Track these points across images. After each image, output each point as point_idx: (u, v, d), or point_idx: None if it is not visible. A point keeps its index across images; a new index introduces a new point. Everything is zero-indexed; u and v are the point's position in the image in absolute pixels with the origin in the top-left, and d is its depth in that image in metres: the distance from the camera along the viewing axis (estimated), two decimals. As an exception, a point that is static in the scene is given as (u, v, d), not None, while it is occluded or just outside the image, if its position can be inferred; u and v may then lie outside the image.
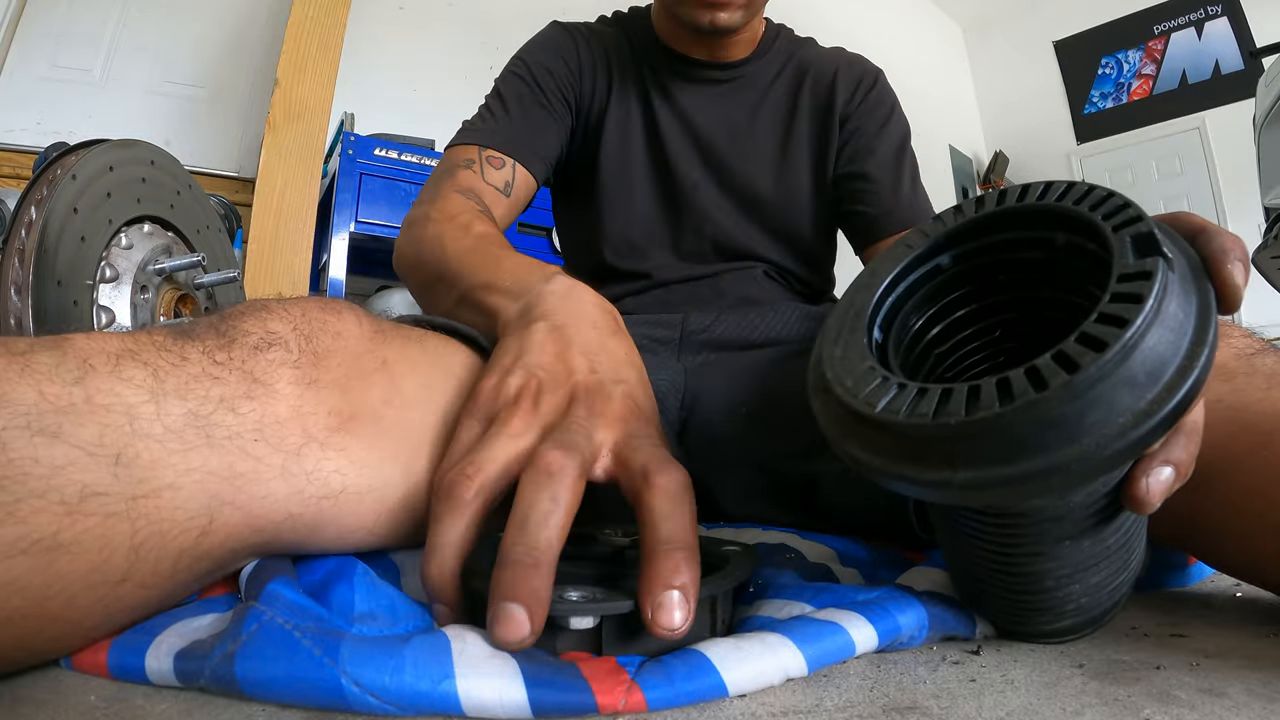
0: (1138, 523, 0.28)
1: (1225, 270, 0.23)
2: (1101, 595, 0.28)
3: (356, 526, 0.30)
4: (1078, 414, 0.20)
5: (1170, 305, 0.21)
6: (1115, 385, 0.20)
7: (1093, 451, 0.20)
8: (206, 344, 0.28)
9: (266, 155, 1.79)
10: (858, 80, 0.75)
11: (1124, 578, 0.29)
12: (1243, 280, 0.23)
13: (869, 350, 0.26)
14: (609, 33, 0.75)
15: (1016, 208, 0.27)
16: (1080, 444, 0.20)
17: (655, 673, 0.23)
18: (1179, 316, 0.21)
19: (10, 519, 0.21)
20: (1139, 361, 0.20)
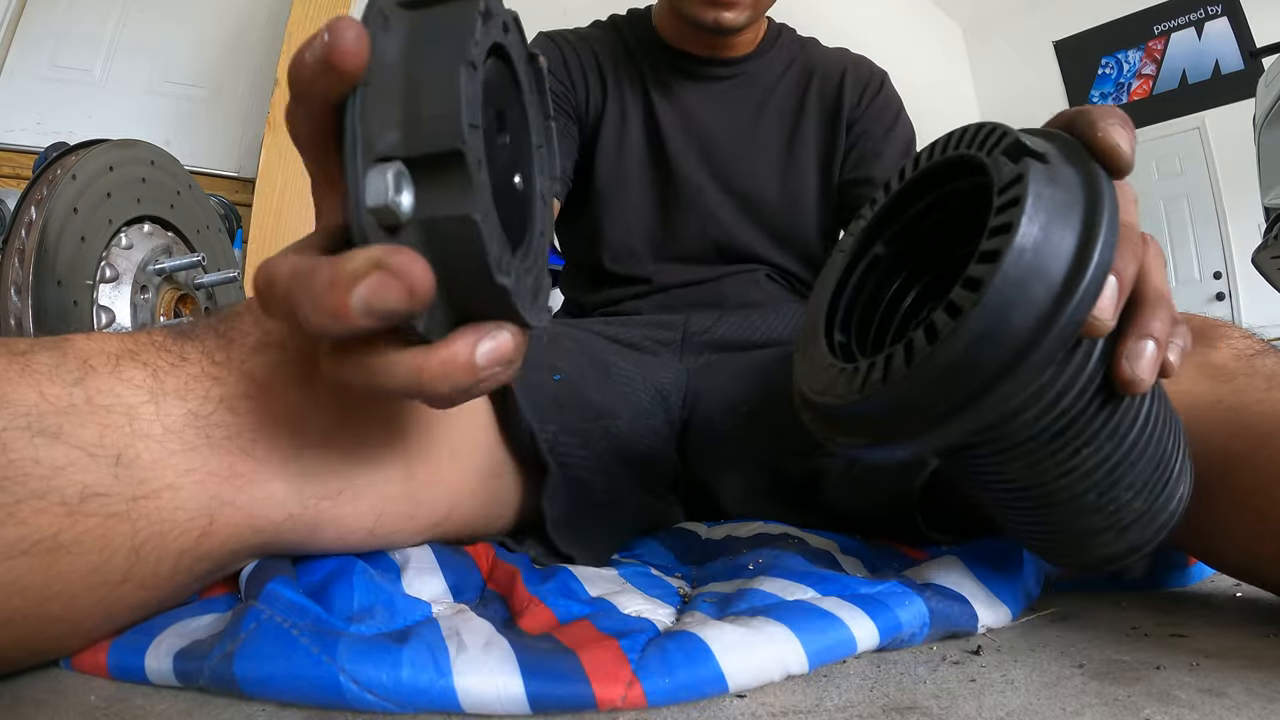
0: (1154, 412, 0.26)
1: (1099, 137, 0.23)
2: (1156, 496, 0.27)
3: (356, 527, 0.30)
4: (990, 331, 0.20)
5: (1052, 194, 0.21)
6: (1017, 287, 0.20)
7: (1021, 355, 0.20)
8: (206, 344, 0.28)
9: (266, 155, 1.79)
10: (865, 83, 0.75)
11: (1172, 473, 0.27)
12: (1121, 140, 0.23)
13: (831, 353, 0.27)
14: (600, 35, 0.75)
15: (920, 173, 0.28)
16: (1004, 354, 0.21)
17: (655, 661, 0.24)
18: (1063, 200, 0.21)
19: (11, 520, 0.21)
20: (1034, 260, 0.21)
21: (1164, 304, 0.24)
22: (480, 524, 0.37)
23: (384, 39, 0.19)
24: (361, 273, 0.18)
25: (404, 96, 0.19)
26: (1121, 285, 0.22)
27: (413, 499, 0.32)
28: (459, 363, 0.21)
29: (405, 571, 0.32)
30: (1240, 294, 3.62)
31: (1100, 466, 0.26)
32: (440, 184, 0.19)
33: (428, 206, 0.19)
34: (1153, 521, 0.28)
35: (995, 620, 0.31)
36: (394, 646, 0.23)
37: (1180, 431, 0.28)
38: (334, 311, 0.18)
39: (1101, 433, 0.25)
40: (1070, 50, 4.28)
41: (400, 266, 0.18)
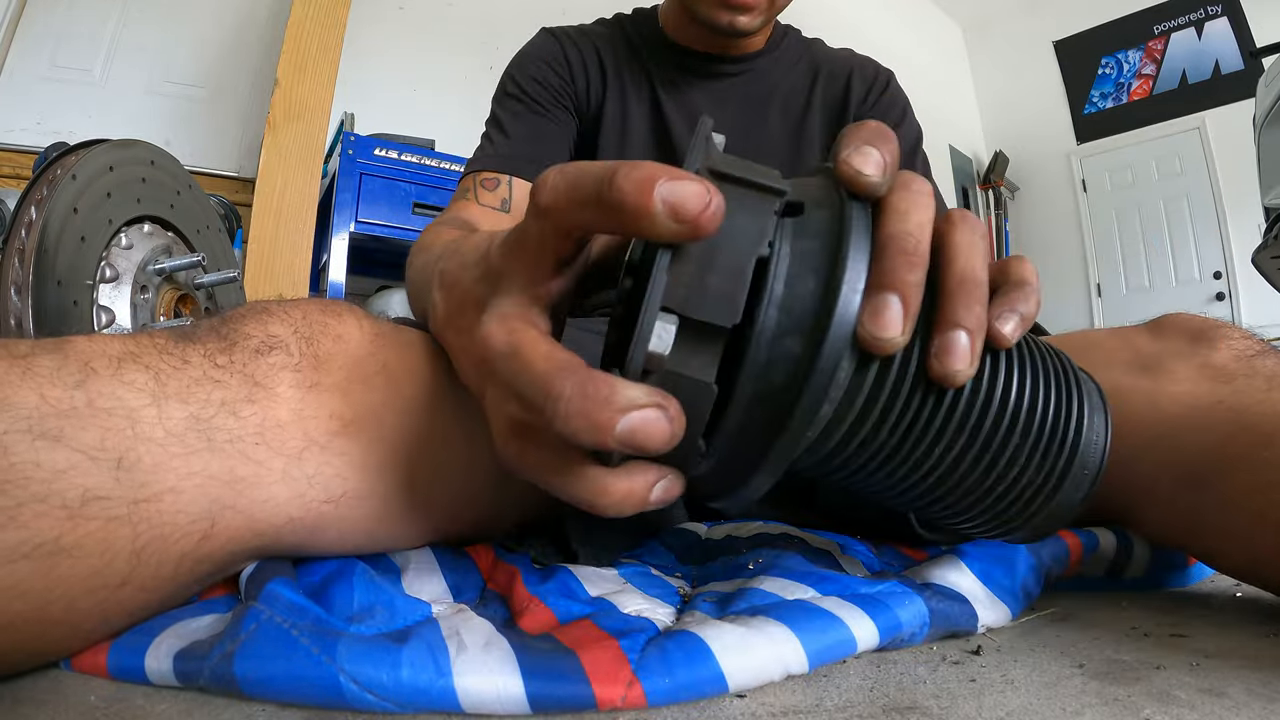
0: (1014, 381, 0.26)
1: (838, 168, 0.23)
2: (1063, 451, 0.26)
3: (358, 530, 0.30)
4: (759, 393, 0.22)
5: (799, 248, 0.22)
6: (772, 346, 0.21)
7: (789, 410, 0.21)
8: (208, 347, 0.28)
9: (266, 155, 1.79)
10: (871, 81, 0.75)
11: (1072, 422, 0.27)
12: (861, 165, 0.22)
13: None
14: (601, 32, 0.75)
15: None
16: (776, 412, 0.22)
17: (655, 661, 0.24)
18: (808, 249, 0.22)
19: (12, 523, 0.21)
20: (781, 320, 0.21)
21: (970, 287, 0.23)
22: (483, 527, 0.37)
23: None
24: (640, 404, 0.19)
25: (700, 262, 0.21)
26: (904, 299, 0.22)
27: (415, 504, 0.32)
28: (636, 497, 0.22)
29: (405, 572, 0.32)
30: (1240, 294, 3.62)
31: (974, 452, 0.25)
32: (698, 348, 0.21)
33: (679, 361, 0.21)
34: (1082, 472, 0.27)
35: (995, 620, 0.31)
36: (394, 646, 0.23)
37: (1066, 380, 0.27)
38: (596, 425, 0.19)
39: (949, 426, 0.25)
40: (1070, 50, 4.28)
41: (674, 414, 0.19)
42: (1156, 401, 0.35)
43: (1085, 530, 0.39)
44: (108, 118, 1.90)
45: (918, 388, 0.24)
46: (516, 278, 0.24)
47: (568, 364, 0.20)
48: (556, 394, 0.19)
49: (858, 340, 0.22)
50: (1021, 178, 4.50)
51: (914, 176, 0.25)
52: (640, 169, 0.19)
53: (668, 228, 0.19)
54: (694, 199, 0.19)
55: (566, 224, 0.22)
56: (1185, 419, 0.34)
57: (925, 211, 0.24)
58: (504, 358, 0.22)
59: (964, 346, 0.23)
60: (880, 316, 0.21)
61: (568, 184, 0.22)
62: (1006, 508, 0.27)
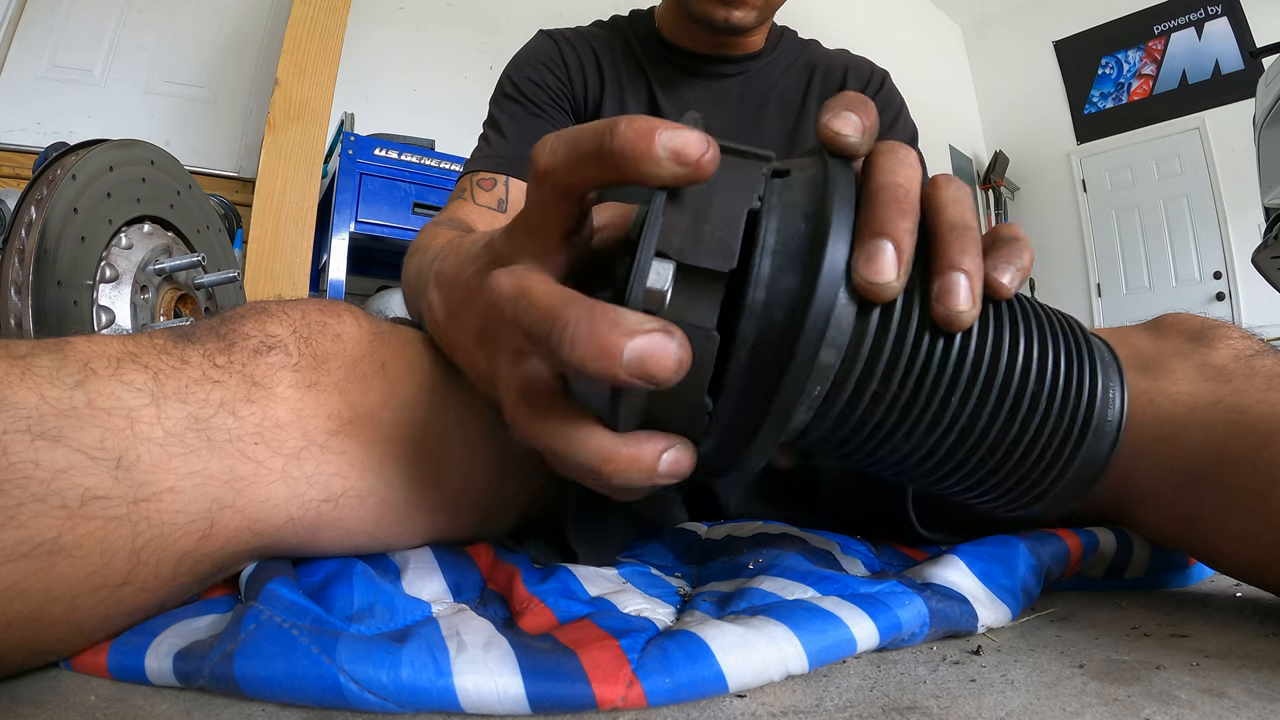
0: (1022, 329, 0.25)
1: (819, 131, 0.23)
2: (1082, 404, 0.26)
3: (357, 530, 0.30)
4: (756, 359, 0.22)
5: (784, 205, 0.22)
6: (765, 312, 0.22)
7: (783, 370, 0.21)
8: (207, 347, 0.28)
9: (266, 155, 1.79)
10: (866, 80, 0.75)
11: (1086, 373, 0.26)
12: (840, 126, 0.23)
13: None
14: (599, 34, 0.76)
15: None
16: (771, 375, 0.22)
17: (655, 661, 0.24)
18: (793, 206, 0.22)
19: (11, 523, 0.21)
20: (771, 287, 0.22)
21: (964, 233, 0.24)
22: (482, 526, 0.37)
23: None
24: (647, 329, 0.19)
25: (695, 213, 0.21)
26: (897, 244, 0.22)
27: (414, 504, 0.32)
28: (643, 464, 0.22)
29: (405, 572, 0.32)
30: (1240, 294, 3.62)
31: (991, 401, 0.25)
32: (697, 295, 0.21)
33: (679, 309, 0.21)
34: (1104, 424, 0.26)
35: (995, 620, 0.31)
36: (394, 646, 0.23)
37: (1077, 340, 0.27)
38: (604, 350, 0.19)
39: (960, 376, 0.24)
40: (1070, 50, 4.28)
41: (681, 341, 0.19)
42: (1156, 401, 0.35)
43: (1085, 530, 0.39)
44: (108, 118, 1.90)
45: (924, 334, 0.24)
46: (523, 254, 0.24)
47: (575, 295, 0.20)
48: (564, 320, 0.19)
49: (855, 288, 0.22)
50: (1021, 178, 4.50)
51: (899, 144, 0.25)
52: (640, 119, 0.20)
53: (670, 170, 0.20)
54: (694, 143, 0.20)
55: (567, 182, 0.22)
56: (1185, 419, 0.34)
57: (912, 170, 0.24)
58: (511, 300, 0.21)
59: (964, 286, 0.23)
60: (874, 261, 0.21)
61: (566, 143, 0.22)
62: (1032, 466, 0.26)
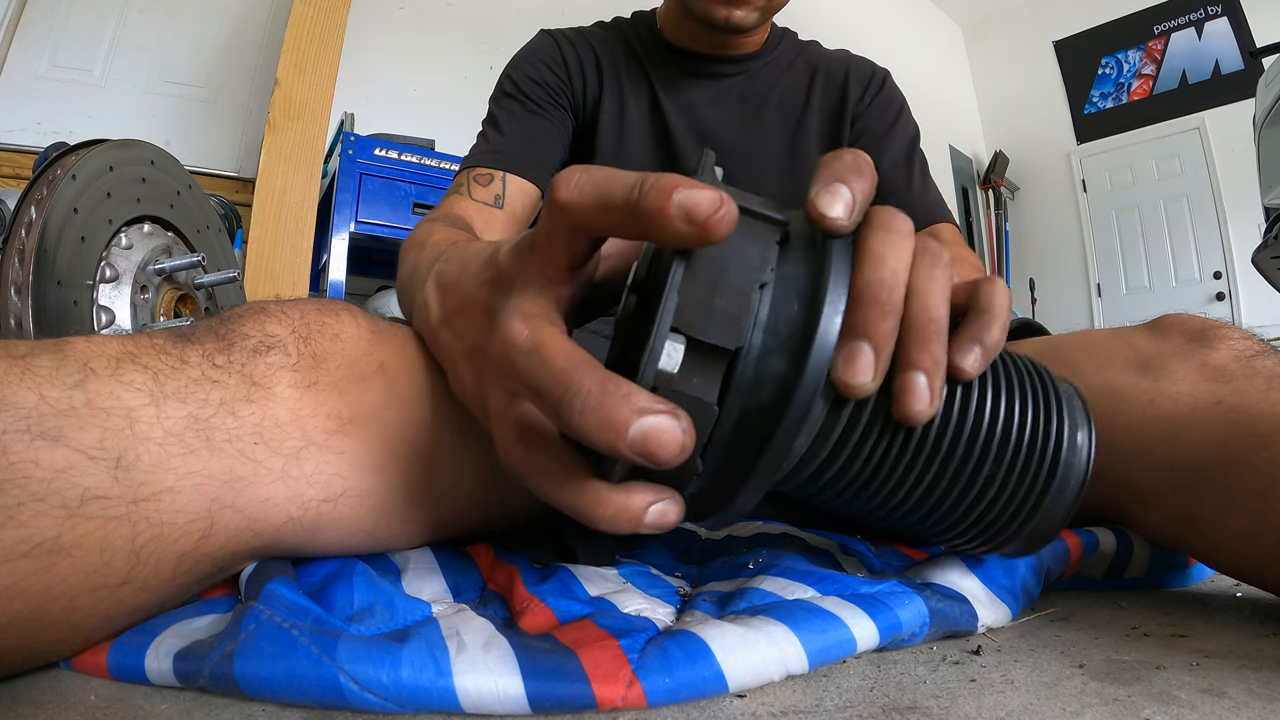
0: (989, 405, 0.26)
1: (808, 212, 0.23)
2: (1045, 466, 0.27)
3: (357, 530, 0.30)
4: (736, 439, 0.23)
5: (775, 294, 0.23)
6: (749, 395, 0.22)
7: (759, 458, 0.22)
8: (206, 347, 0.28)
9: (266, 155, 1.79)
10: (868, 80, 0.75)
11: (1052, 436, 0.27)
12: (828, 206, 0.23)
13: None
14: (600, 34, 0.76)
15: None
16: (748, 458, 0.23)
17: (655, 661, 0.24)
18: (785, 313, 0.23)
19: (11, 522, 0.21)
20: (755, 375, 0.22)
21: (924, 326, 0.24)
22: (482, 525, 0.37)
23: None
24: (656, 410, 0.19)
25: (708, 284, 0.21)
26: (877, 348, 0.22)
27: (414, 502, 0.32)
28: (631, 514, 0.22)
29: (405, 572, 0.32)
30: (1240, 294, 3.62)
31: (945, 481, 0.26)
32: (702, 368, 0.22)
33: (684, 380, 0.21)
34: (1065, 484, 0.27)
35: (995, 620, 0.31)
36: (394, 646, 0.23)
37: (1045, 395, 0.28)
38: (612, 424, 0.19)
39: (921, 455, 0.25)
40: (1070, 50, 4.28)
41: (686, 426, 0.20)
42: (1156, 402, 0.35)
43: (1085, 530, 0.39)
44: (108, 118, 1.90)
45: (887, 427, 0.25)
46: (531, 279, 0.25)
47: (589, 361, 0.21)
48: (576, 388, 0.20)
49: (831, 384, 0.23)
50: (1021, 178, 4.50)
51: (894, 214, 0.25)
52: (664, 179, 0.20)
53: (680, 230, 0.20)
54: (706, 203, 0.19)
55: (584, 222, 0.22)
56: (1185, 419, 0.34)
57: (902, 256, 0.24)
58: (525, 353, 0.22)
59: (922, 387, 0.24)
60: (853, 363, 0.22)
61: (595, 185, 0.22)
62: (987, 527, 0.28)
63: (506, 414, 0.24)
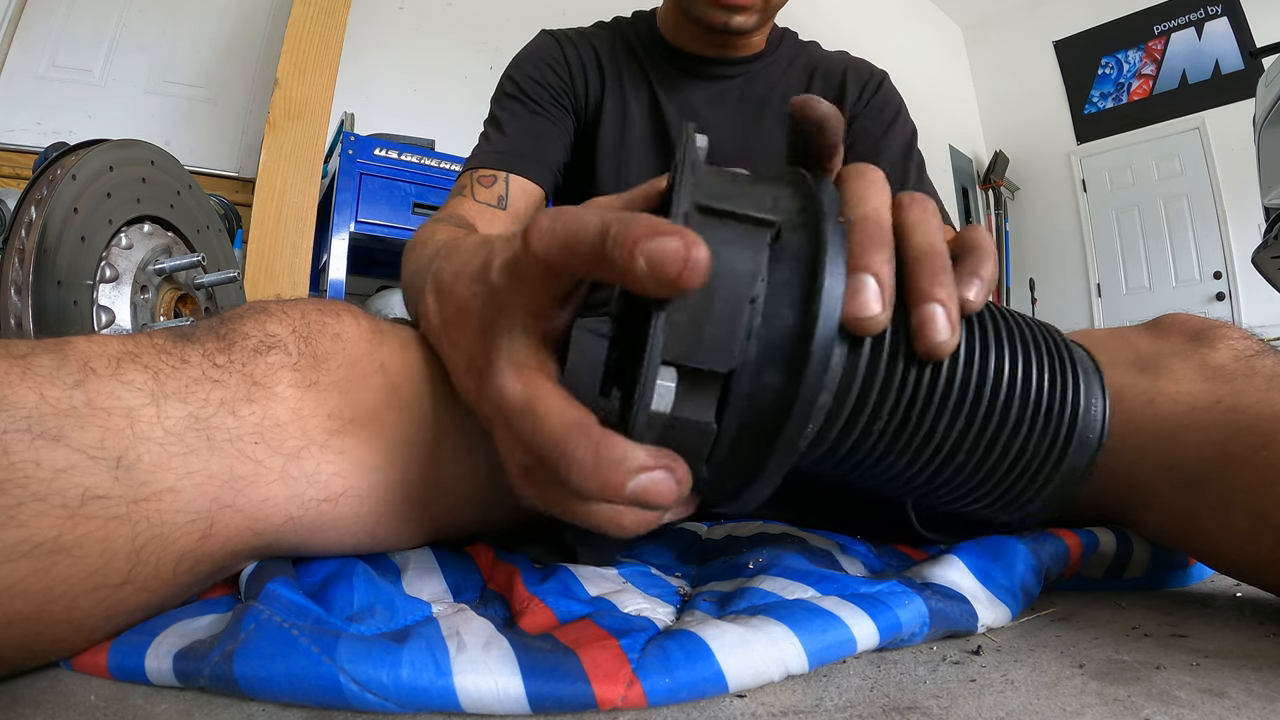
0: (1005, 349, 0.26)
1: (795, 114, 0.24)
2: (1065, 417, 0.26)
3: (357, 529, 0.30)
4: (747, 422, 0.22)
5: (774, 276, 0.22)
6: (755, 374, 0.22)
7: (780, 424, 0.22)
8: (206, 347, 0.28)
9: (266, 155, 1.79)
10: (865, 81, 0.75)
11: (1069, 388, 0.27)
12: (815, 114, 0.23)
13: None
14: (601, 34, 0.76)
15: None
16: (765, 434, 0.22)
17: (655, 660, 0.24)
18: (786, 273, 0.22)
19: (12, 522, 0.21)
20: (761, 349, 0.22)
21: (932, 258, 0.24)
22: (482, 525, 0.37)
23: None
24: (649, 467, 0.20)
25: (694, 312, 0.21)
26: (878, 277, 0.22)
27: (415, 502, 0.32)
28: (648, 520, 0.23)
29: (405, 572, 0.32)
30: (1240, 294, 3.62)
31: (976, 424, 0.25)
32: (696, 392, 0.21)
33: (681, 407, 0.21)
34: (1086, 436, 0.27)
35: (995, 620, 0.31)
36: (394, 646, 0.23)
37: (1058, 351, 0.28)
38: (608, 485, 0.20)
39: (948, 401, 0.25)
40: (1070, 50, 4.28)
41: (680, 476, 0.20)
42: (1156, 401, 0.35)
43: (1085, 530, 0.39)
44: (108, 118, 1.90)
45: (910, 367, 0.24)
46: (520, 312, 0.24)
47: (579, 424, 0.21)
48: (569, 456, 0.20)
49: (842, 325, 0.22)
50: (1021, 178, 4.50)
51: (866, 166, 0.25)
52: (629, 228, 0.19)
53: (652, 287, 0.19)
54: (673, 257, 0.18)
55: (559, 269, 0.22)
56: (1185, 419, 0.34)
57: (880, 195, 0.24)
58: (519, 414, 0.22)
59: (940, 316, 0.23)
60: (858, 296, 0.22)
61: (564, 233, 0.21)
62: (1015, 480, 0.27)
63: (512, 454, 0.25)
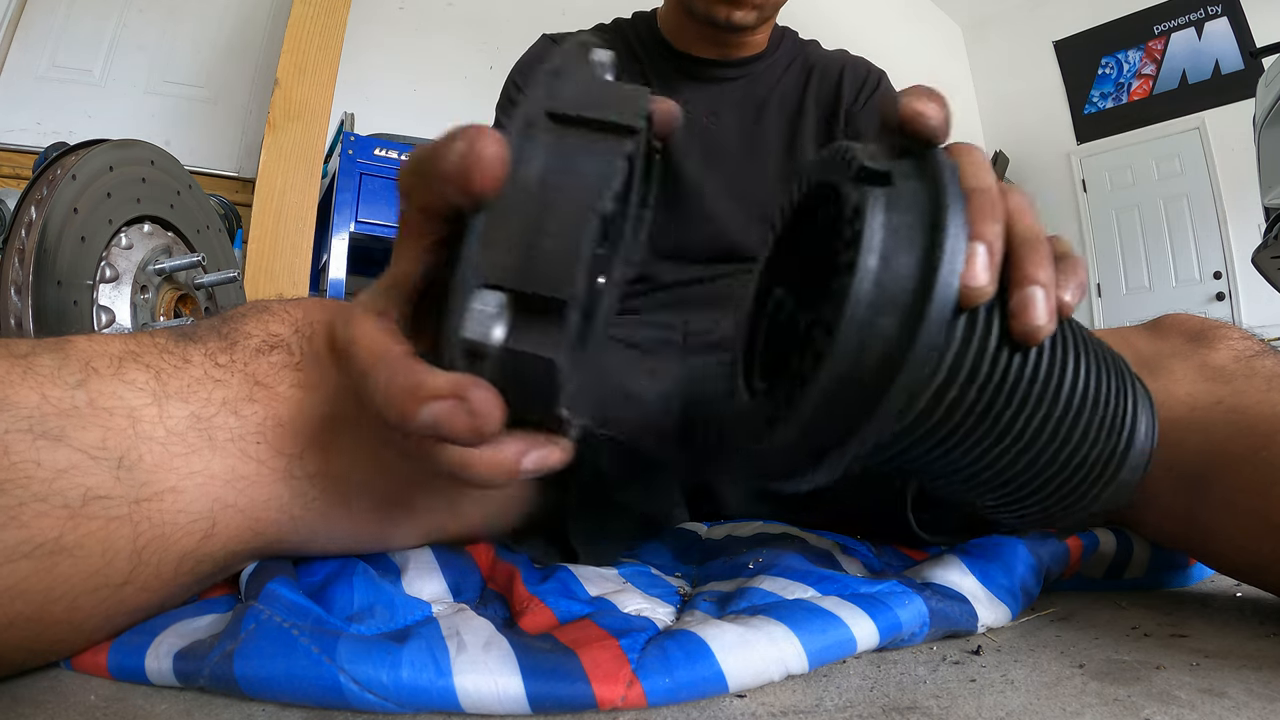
0: (1081, 357, 0.26)
1: (901, 113, 0.23)
2: (1121, 429, 0.27)
3: (359, 529, 0.30)
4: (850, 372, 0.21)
5: (890, 219, 0.21)
6: (866, 324, 0.21)
7: (886, 383, 0.21)
8: (209, 346, 0.28)
9: (266, 155, 1.79)
10: (862, 80, 0.75)
11: (1128, 405, 0.27)
12: (922, 106, 0.23)
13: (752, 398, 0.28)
14: (601, 38, 0.76)
15: (795, 208, 0.28)
16: (867, 389, 0.21)
17: (655, 660, 0.24)
18: (903, 222, 0.22)
19: (13, 523, 0.21)
20: (878, 294, 0.21)
21: (1038, 245, 0.24)
22: (483, 526, 0.37)
23: (526, 149, 0.19)
24: (441, 393, 0.19)
25: (528, 222, 0.19)
26: (990, 248, 0.22)
27: (415, 502, 0.32)
28: (504, 466, 0.22)
29: (405, 572, 0.32)
30: (1240, 294, 3.62)
31: (1055, 418, 0.25)
32: (535, 322, 0.19)
33: (516, 338, 0.19)
34: (1141, 450, 0.27)
35: (995, 620, 0.31)
36: (394, 646, 0.23)
37: (1121, 367, 0.28)
38: (402, 414, 0.19)
39: (1032, 391, 0.25)
40: (1070, 50, 4.28)
41: (478, 405, 0.19)
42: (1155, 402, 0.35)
43: (1085, 530, 0.39)
44: (108, 118, 1.90)
45: (1003, 346, 0.24)
46: (394, 264, 0.25)
47: (385, 354, 0.21)
48: (372, 385, 0.20)
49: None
50: (1021, 178, 4.49)
51: (972, 146, 0.25)
52: (450, 136, 0.19)
53: (452, 191, 0.19)
54: (465, 156, 0.18)
55: (420, 202, 0.22)
56: (1185, 420, 0.34)
57: (991, 174, 0.24)
58: (343, 348, 0.23)
59: (1041, 300, 0.23)
60: (970, 264, 0.22)
61: (411, 161, 0.21)
62: (1077, 484, 0.27)
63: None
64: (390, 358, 0.21)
